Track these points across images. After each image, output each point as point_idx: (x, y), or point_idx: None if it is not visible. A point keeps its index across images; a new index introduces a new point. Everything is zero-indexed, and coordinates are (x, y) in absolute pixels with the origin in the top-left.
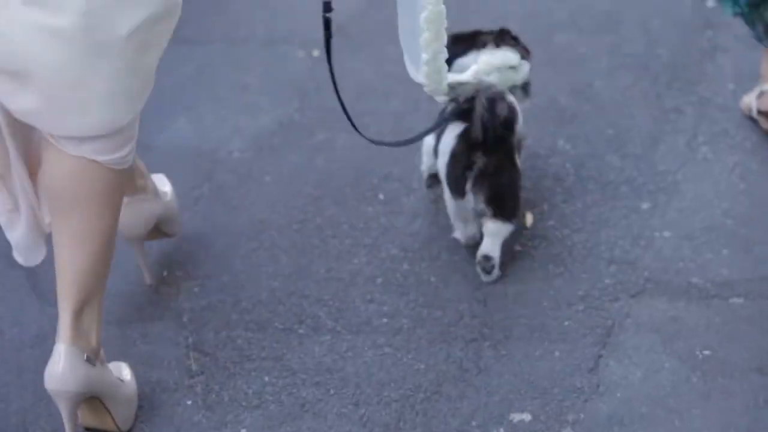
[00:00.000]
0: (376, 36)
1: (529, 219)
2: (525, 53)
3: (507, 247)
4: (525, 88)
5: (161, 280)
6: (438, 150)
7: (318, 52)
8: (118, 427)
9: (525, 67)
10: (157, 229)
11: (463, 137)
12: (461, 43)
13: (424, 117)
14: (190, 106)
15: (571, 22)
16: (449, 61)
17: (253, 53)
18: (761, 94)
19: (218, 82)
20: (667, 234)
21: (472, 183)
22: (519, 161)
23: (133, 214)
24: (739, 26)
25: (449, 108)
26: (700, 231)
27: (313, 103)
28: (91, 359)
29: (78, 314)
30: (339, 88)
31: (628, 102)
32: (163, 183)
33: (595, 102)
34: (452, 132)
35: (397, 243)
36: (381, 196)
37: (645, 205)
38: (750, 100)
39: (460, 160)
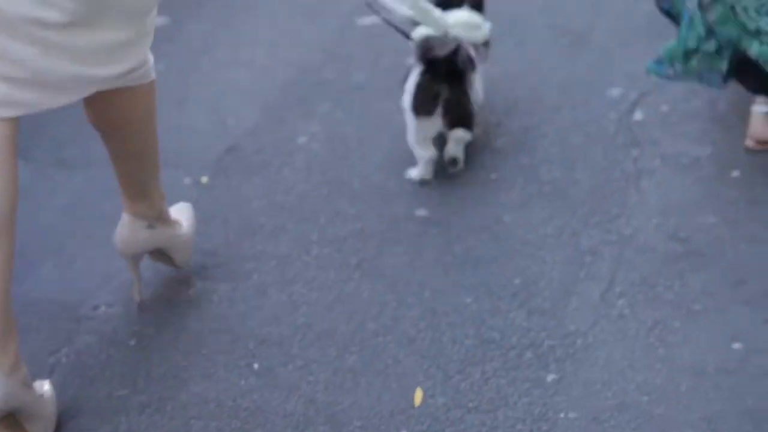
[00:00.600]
0: (273, 156)
1: (418, 396)
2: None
3: None
4: (486, 45)
5: None
6: (405, 89)
7: (207, 179)
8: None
9: (486, 27)
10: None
11: (427, 73)
12: (443, 3)
13: (313, 261)
14: (59, 248)
15: (481, 142)
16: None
17: None
18: None
19: (94, 214)
20: (572, 415)
21: (442, 108)
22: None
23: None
24: (668, 144)
25: (418, 51)
26: (610, 411)
27: (195, 246)
28: (152, 224)
29: (139, 196)
30: (222, 221)
31: (541, 242)
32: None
33: (504, 242)
34: (416, 71)
35: (268, 428)
36: (255, 366)
37: (550, 377)
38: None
39: (428, 91)
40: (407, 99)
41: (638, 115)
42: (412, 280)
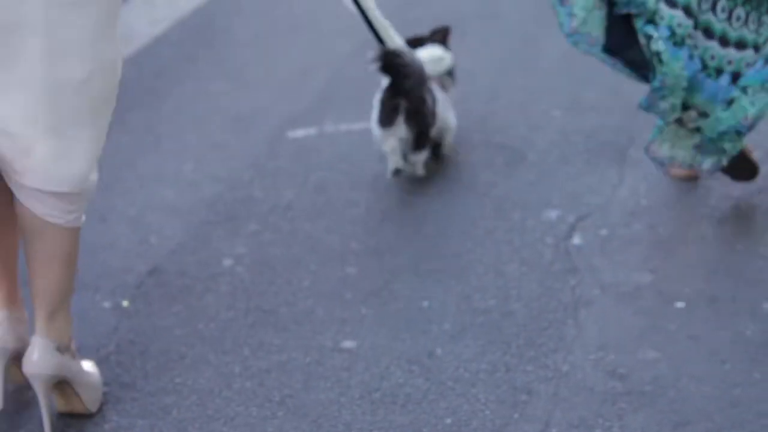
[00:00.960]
0: (196, 281)
1: None
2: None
3: None
4: (450, 74)
5: None
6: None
7: (127, 303)
8: (87, 409)
9: (448, 58)
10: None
11: (389, 90)
12: (411, 44)
13: (235, 396)
14: None
15: (413, 266)
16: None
17: None
18: None
19: None
20: None
21: (403, 116)
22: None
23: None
24: (607, 272)
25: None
26: None
27: (112, 377)
28: (61, 349)
29: (51, 317)
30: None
31: (474, 378)
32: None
33: (435, 378)
34: (380, 90)
35: None
36: None
37: None
38: None
39: (391, 103)
40: (374, 115)
41: (576, 240)
42: (338, 420)
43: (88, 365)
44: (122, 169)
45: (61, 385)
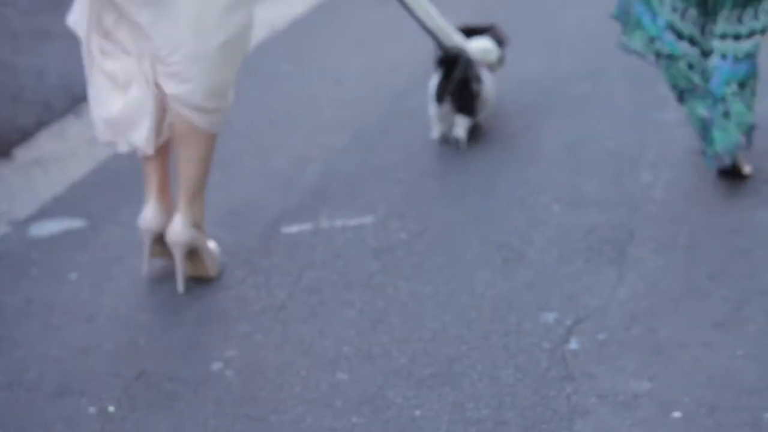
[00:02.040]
0: (184, 385)
1: None
2: (502, 39)
3: None
4: (499, 61)
5: None
6: (429, 87)
7: (114, 408)
8: (209, 274)
9: (495, 50)
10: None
11: (443, 76)
12: (465, 33)
13: None
14: None
15: (406, 372)
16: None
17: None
18: None
19: None
20: None
21: (450, 96)
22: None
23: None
24: (605, 379)
25: (437, 59)
26: None
27: None
28: (196, 225)
29: (190, 201)
30: None
31: None
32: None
33: None
34: (436, 76)
35: None
36: None
37: None
38: None
39: (443, 86)
40: (432, 91)
41: (573, 344)
42: None
43: (211, 243)
44: (113, 265)
45: (192, 253)
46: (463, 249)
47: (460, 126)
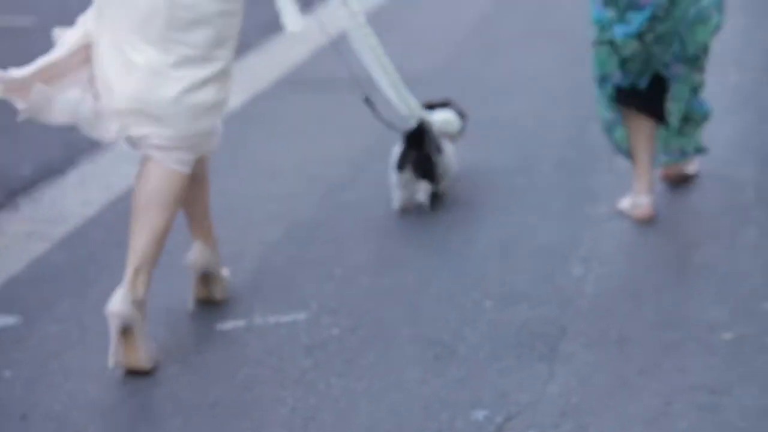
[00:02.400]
0: None
1: None
2: (462, 112)
3: None
4: (460, 132)
5: None
6: (391, 155)
7: None
8: (216, 297)
9: (457, 121)
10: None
11: (406, 144)
12: (427, 107)
13: None
14: None
15: None
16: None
17: None
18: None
19: None
20: None
21: (412, 163)
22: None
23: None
24: None
25: (404, 131)
26: None
27: None
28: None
29: (206, 233)
30: None
31: None
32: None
33: None
34: (399, 143)
35: None
36: None
37: None
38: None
39: (406, 154)
40: (394, 159)
41: None
42: None
43: (224, 270)
44: (48, 362)
45: (205, 276)
46: (396, 345)
47: (423, 191)
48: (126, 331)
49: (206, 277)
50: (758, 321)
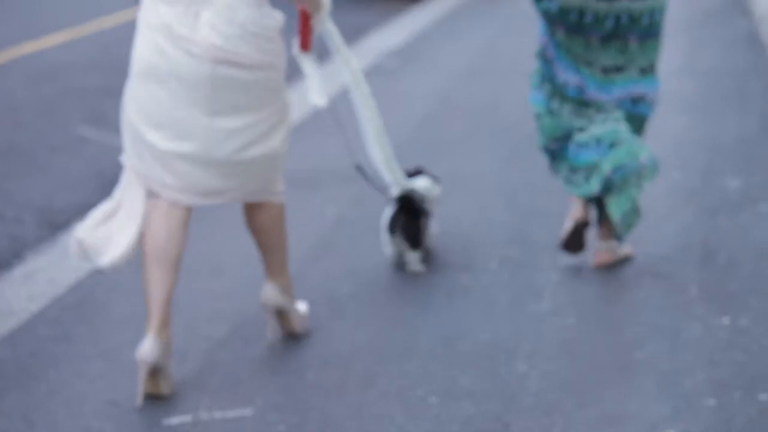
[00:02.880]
0: None
1: None
2: (437, 178)
3: None
4: (437, 202)
5: None
6: (382, 218)
7: None
8: (297, 330)
9: (435, 187)
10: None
11: (396, 209)
12: (410, 174)
13: None
14: None
15: None
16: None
17: None
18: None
19: None
20: None
21: (402, 228)
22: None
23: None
24: None
25: (392, 198)
26: None
27: None
28: (283, 291)
29: (279, 270)
30: None
31: None
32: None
33: None
34: (390, 208)
35: None
36: None
37: None
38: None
39: (396, 219)
40: (384, 222)
41: None
42: None
43: (301, 305)
44: None
45: (281, 312)
46: None
47: (413, 262)
48: (154, 372)
49: (280, 312)
50: (701, 418)
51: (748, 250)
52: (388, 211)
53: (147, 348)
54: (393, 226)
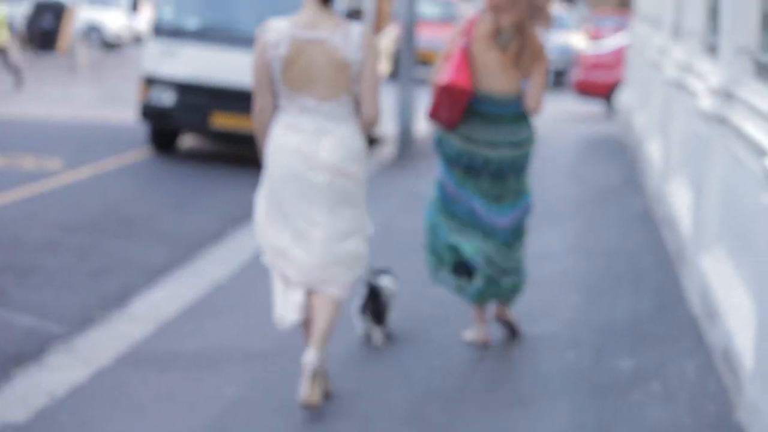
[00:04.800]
0: None
1: None
2: (396, 276)
3: None
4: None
5: None
6: (354, 303)
7: None
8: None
9: (395, 283)
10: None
11: (367, 296)
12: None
13: None
14: None
15: None
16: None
17: None
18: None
19: None
20: None
21: (370, 311)
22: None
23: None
24: None
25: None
26: None
27: None
28: (322, 359)
29: (322, 340)
30: None
31: None
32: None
33: None
34: (360, 296)
35: None
36: None
37: None
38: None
39: (366, 304)
40: (356, 305)
41: None
42: None
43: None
44: None
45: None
46: None
47: (377, 336)
48: (315, 377)
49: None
50: None
51: (641, 430)
52: (358, 299)
53: (311, 355)
54: (364, 308)
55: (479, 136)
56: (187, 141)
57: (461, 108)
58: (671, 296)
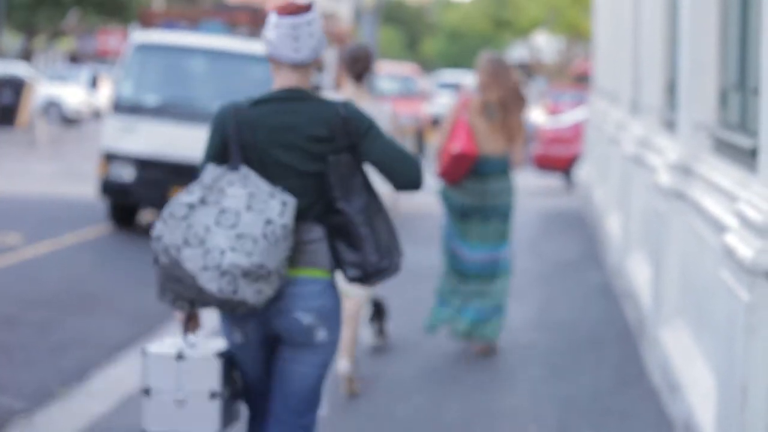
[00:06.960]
0: None
1: None
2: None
3: None
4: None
5: None
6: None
7: None
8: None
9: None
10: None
11: (374, 310)
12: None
13: None
14: None
15: None
16: None
17: None
18: None
19: None
20: None
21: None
22: None
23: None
24: None
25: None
26: None
27: None
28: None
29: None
30: None
31: None
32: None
33: None
34: (368, 305)
35: None
36: None
37: None
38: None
39: (373, 317)
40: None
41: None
42: None
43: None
44: None
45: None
46: None
47: (373, 335)
48: (349, 380)
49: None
50: None
51: None
52: (365, 310)
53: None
54: (372, 320)
55: (473, 187)
56: (147, 216)
57: (467, 168)
58: (632, 370)
